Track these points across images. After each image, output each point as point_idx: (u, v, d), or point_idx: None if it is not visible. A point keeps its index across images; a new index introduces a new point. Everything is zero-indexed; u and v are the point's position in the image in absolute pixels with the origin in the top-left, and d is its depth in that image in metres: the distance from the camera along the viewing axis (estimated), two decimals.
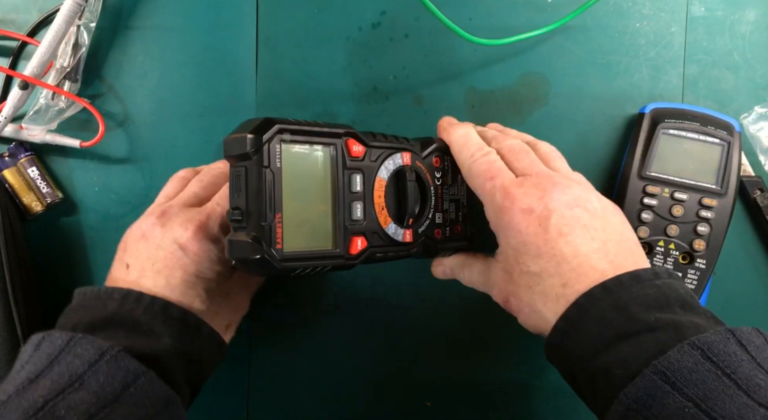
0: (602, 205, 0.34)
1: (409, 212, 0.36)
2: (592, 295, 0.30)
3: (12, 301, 0.38)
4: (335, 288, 0.45)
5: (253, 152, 0.30)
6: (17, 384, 0.28)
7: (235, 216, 0.30)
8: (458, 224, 0.40)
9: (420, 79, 0.45)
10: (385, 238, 0.35)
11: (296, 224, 0.31)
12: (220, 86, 0.44)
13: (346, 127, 0.34)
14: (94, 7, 0.42)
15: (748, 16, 0.46)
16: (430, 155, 0.38)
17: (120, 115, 0.44)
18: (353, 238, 0.33)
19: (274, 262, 0.29)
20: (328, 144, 0.33)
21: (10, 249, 0.39)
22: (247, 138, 0.30)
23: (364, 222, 0.34)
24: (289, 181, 0.31)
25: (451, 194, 0.40)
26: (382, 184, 0.35)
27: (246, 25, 0.44)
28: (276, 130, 0.30)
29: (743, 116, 0.46)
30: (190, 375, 0.33)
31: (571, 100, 0.46)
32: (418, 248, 0.37)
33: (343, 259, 0.33)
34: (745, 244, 0.47)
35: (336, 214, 0.33)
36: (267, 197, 0.30)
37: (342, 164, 0.33)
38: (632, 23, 0.46)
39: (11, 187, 0.42)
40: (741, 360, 0.26)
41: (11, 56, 0.43)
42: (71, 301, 0.34)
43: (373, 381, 0.46)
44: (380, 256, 0.35)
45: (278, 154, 0.30)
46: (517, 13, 0.45)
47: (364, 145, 0.34)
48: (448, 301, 0.46)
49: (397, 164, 0.36)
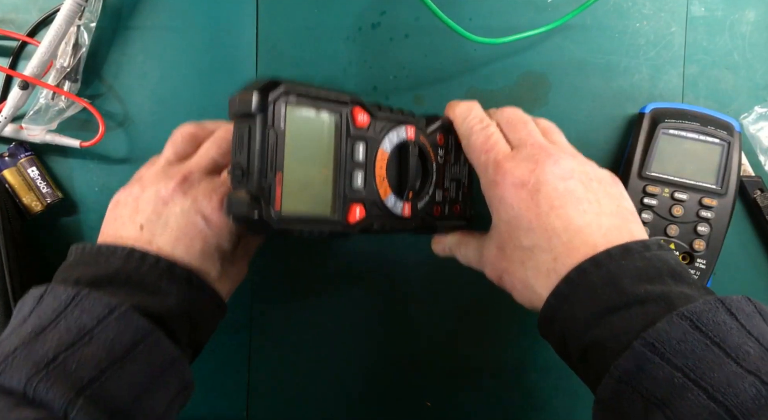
0: (598, 176, 0.33)
1: (410, 186, 0.36)
2: (583, 270, 0.30)
3: (12, 301, 0.38)
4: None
5: (258, 111, 0.29)
6: (23, 336, 0.28)
7: (236, 174, 0.30)
8: (458, 204, 0.40)
9: (420, 79, 0.45)
10: (384, 210, 0.35)
11: (296, 187, 0.31)
12: (220, 86, 0.44)
13: (353, 95, 0.34)
14: (95, 7, 0.42)
15: (748, 16, 0.46)
16: (435, 132, 0.38)
17: (120, 115, 0.44)
18: (352, 207, 0.33)
19: (272, 222, 0.29)
20: (334, 110, 0.33)
21: (10, 249, 0.39)
22: (253, 97, 0.29)
23: (364, 192, 0.34)
24: (292, 143, 0.31)
25: (452, 173, 0.40)
26: (385, 155, 0.35)
27: (246, 25, 0.44)
28: (282, 91, 0.30)
29: (743, 116, 0.46)
30: (192, 335, 0.33)
31: (571, 99, 0.46)
32: (416, 223, 0.37)
33: (340, 226, 0.33)
34: (745, 244, 0.47)
35: (336, 182, 0.33)
36: (269, 157, 0.29)
37: (346, 132, 0.33)
38: (632, 23, 0.46)
39: (11, 187, 0.42)
40: (730, 328, 0.26)
41: (11, 56, 0.43)
42: (67, 257, 0.34)
43: (372, 373, 0.46)
44: (377, 228, 0.35)
45: (283, 115, 0.30)
46: (517, 13, 0.45)
47: (370, 115, 0.34)
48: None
49: (401, 137, 0.36)
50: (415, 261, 0.46)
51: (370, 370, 0.46)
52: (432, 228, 0.39)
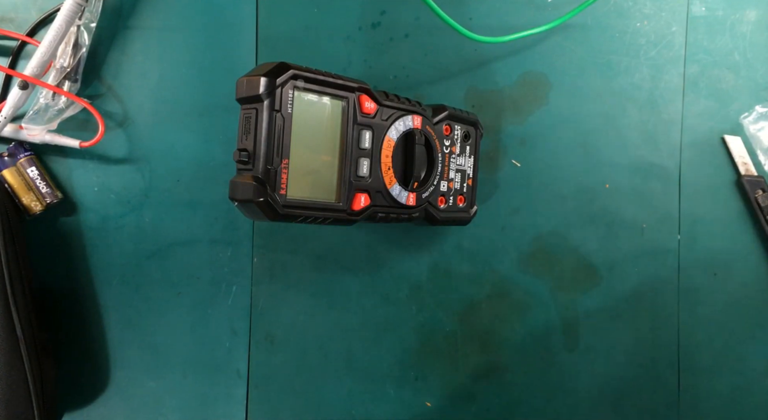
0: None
1: (415, 175, 0.36)
2: None
3: (11, 302, 0.38)
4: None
5: (265, 95, 0.29)
6: None
7: (241, 158, 0.30)
8: (462, 195, 0.40)
9: (420, 79, 0.45)
10: (389, 199, 0.35)
11: (302, 172, 0.31)
12: (220, 86, 0.44)
13: (360, 82, 0.33)
14: (95, 7, 0.42)
15: (749, 15, 0.46)
16: (441, 122, 0.38)
17: (120, 115, 0.44)
18: (357, 194, 0.33)
19: (277, 207, 0.29)
20: (341, 97, 0.33)
21: (9, 249, 0.39)
22: (261, 80, 0.29)
23: (369, 180, 0.34)
24: (299, 128, 0.30)
25: (458, 164, 0.40)
26: (391, 144, 0.35)
27: (246, 25, 0.44)
28: (290, 75, 0.30)
29: (744, 116, 0.46)
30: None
31: (571, 99, 0.46)
32: (420, 213, 0.37)
33: (344, 214, 0.33)
34: (745, 244, 0.47)
35: (342, 169, 0.33)
36: (275, 141, 0.29)
37: (353, 119, 0.33)
38: (633, 23, 0.46)
39: (11, 187, 0.42)
40: None
41: (11, 56, 0.43)
42: None
43: (373, 373, 0.46)
44: (382, 216, 0.35)
45: (290, 99, 0.30)
46: (517, 12, 0.45)
47: (377, 102, 0.34)
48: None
49: (407, 126, 0.36)
50: (416, 260, 0.46)
51: (370, 370, 0.46)
52: (435, 219, 0.39)
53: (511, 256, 0.47)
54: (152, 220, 0.44)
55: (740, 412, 0.49)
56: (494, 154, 0.46)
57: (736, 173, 0.47)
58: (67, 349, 0.43)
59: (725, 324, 0.48)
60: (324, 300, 0.45)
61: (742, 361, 0.49)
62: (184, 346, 0.44)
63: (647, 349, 0.48)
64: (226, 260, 0.44)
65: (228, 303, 0.44)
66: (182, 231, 0.44)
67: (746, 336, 0.48)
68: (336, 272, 0.45)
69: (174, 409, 0.44)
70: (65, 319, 0.44)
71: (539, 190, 0.47)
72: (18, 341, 0.38)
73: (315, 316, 0.45)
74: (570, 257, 0.47)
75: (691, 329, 0.48)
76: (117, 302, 0.44)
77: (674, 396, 0.48)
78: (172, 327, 0.44)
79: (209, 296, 0.44)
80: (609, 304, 0.48)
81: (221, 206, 0.44)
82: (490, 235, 0.46)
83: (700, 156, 0.48)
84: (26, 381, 0.39)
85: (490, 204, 0.46)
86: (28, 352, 0.39)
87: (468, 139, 0.42)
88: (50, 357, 0.41)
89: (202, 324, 0.44)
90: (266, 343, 0.45)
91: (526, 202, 0.46)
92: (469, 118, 0.42)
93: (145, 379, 0.44)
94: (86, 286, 0.44)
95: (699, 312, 0.48)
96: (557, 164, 0.47)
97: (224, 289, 0.44)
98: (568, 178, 0.47)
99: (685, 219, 0.48)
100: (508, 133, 0.46)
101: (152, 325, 0.44)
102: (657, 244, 0.48)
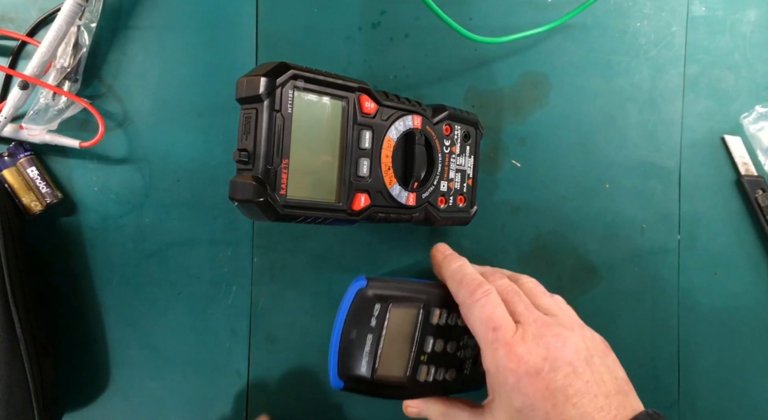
0: (596, 349, 0.36)
1: (415, 175, 0.36)
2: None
3: (11, 302, 0.38)
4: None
5: (265, 95, 0.29)
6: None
7: (241, 158, 0.30)
8: (462, 196, 0.40)
9: (420, 79, 0.45)
10: (389, 199, 0.35)
11: (302, 172, 0.31)
12: (220, 86, 0.44)
13: (360, 82, 0.34)
14: (95, 7, 0.42)
15: (749, 15, 0.46)
16: (441, 122, 0.38)
17: (120, 115, 0.44)
18: (357, 194, 0.33)
19: (277, 207, 0.29)
20: (341, 97, 0.33)
21: (9, 249, 0.39)
22: (261, 80, 0.29)
23: (369, 180, 0.34)
24: (299, 128, 0.31)
25: (458, 164, 0.40)
26: (391, 144, 0.35)
27: (246, 25, 0.44)
28: (290, 75, 0.30)
29: (743, 116, 0.46)
30: None
31: (571, 99, 0.46)
32: (420, 214, 0.37)
33: (344, 214, 0.33)
34: (745, 244, 0.47)
35: (342, 169, 0.33)
36: (275, 141, 0.29)
37: (353, 119, 0.33)
38: (633, 22, 0.46)
39: (11, 187, 0.42)
40: None
41: (11, 56, 0.43)
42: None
43: None
44: (382, 216, 0.35)
45: (290, 99, 0.30)
46: (517, 12, 0.45)
47: (377, 102, 0.34)
48: None
49: (407, 126, 0.36)
50: (416, 260, 0.46)
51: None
52: (434, 220, 0.39)
53: (511, 256, 0.47)
54: (152, 220, 0.44)
55: (740, 412, 0.49)
56: (494, 154, 0.46)
57: (736, 173, 0.47)
58: (67, 349, 0.43)
59: (725, 323, 0.48)
60: (324, 300, 0.45)
61: (742, 361, 0.49)
62: (184, 346, 0.44)
63: (647, 349, 0.48)
64: (226, 260, 0.44)
65: (228, 303, 0.44)
66: (182, 231, 0.44)
67: (746, 336, 0.48)
68: (336, 272, 0.45)
69: (174, 409, 0.44)
70: (65, 319, 0.44)
71: (539, 190, 0.47)
72: (18, 341, 0.38)
73: (315, 316, 0.45)
74: (570, 257, 0.47)
75: (691, 329, 0.48)
76: (117, 302, 0.44)
77: (674, 396, 0.48)
78: (172, 327, 0.44)
79: (209, 296, 0.44)
80: (609, 304, 0.48)
81: (221, 206, 0.44)
82: (490, 235, 0.46)
83: (700, 156, 0.48)
84: (26, 381, 0.39)
85: (490, 204, 0.46)
86: (28, 352, 0.39)
87: (468, 139, 0.42)
88: (50, 357, 0.41)
89: (202, 324, 0.44)
90: (266, 343, 0.45)
91: (526, 202, 0.46)
92: (469, 118, 0.42)
93: (145, 379, 0.44)
94: (86, 286, 0.44)
95: (699, 312, 0.48)
96: (557, 164, 0.47)
97: (224, 289, 0.44)
98: (568, 178, 0.47)
99: (685, 219, 0.48)
100: (508, 133, 0.46)
101: (152, 325, 0.44)
102: (657, 244, 0.48)
